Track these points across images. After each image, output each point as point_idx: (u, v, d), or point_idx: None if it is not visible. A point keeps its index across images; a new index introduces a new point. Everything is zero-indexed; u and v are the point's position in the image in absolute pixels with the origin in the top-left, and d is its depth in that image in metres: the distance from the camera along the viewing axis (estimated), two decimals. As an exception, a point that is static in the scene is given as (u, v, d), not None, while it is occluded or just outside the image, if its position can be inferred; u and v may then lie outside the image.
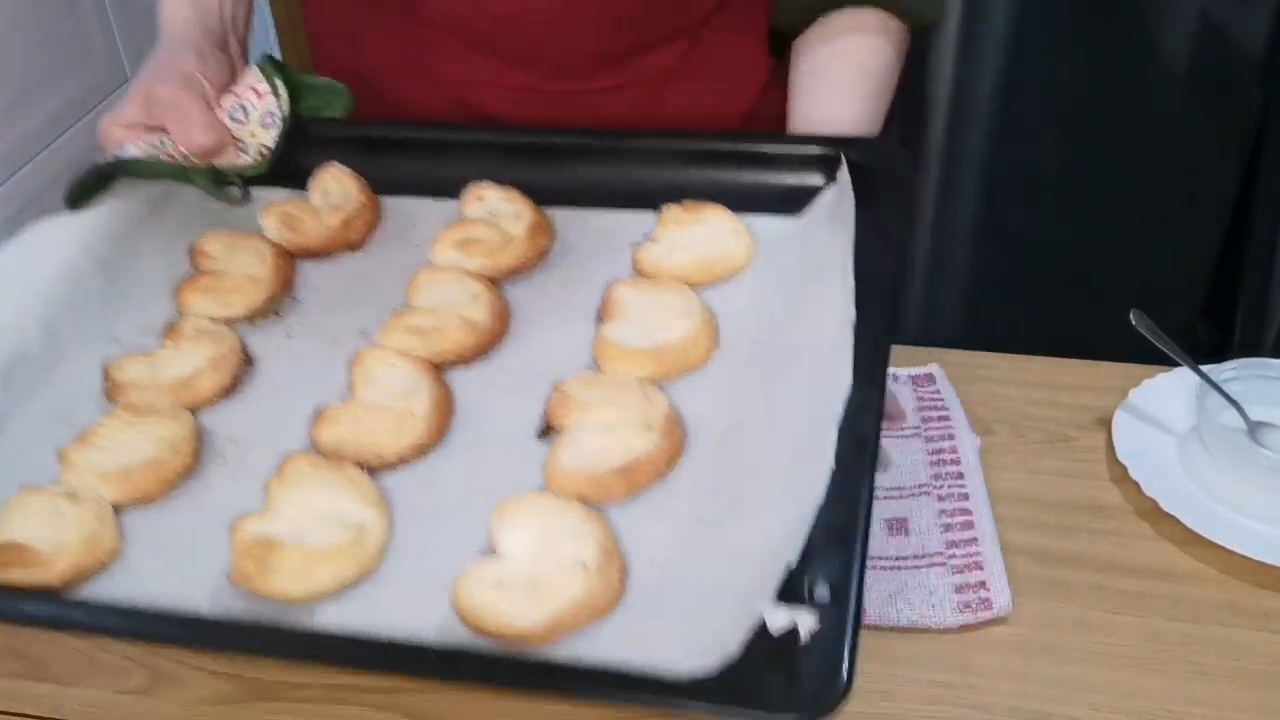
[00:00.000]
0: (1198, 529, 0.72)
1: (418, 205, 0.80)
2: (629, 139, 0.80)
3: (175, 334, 0.71)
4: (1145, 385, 0.83)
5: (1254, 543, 0.71)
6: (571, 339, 0.69)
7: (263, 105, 0.80)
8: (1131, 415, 0.81)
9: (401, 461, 0.63)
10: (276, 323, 0.73)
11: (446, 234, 0.75)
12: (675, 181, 0.77)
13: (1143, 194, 1.80)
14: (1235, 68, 1.68)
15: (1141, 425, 0.80)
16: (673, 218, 0.74)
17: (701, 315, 0.67)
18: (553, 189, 0.78)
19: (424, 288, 0.72)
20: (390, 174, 0.81)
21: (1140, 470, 0.76)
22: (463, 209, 0.77)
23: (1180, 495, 0.75)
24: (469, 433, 0.65)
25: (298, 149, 0.81)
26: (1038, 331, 1.95)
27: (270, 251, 0.76)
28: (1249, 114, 1.71)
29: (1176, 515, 0.73)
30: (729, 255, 0.72)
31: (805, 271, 0.68)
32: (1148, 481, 0.75)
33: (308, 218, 0.78)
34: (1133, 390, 0.82)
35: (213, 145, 0.76)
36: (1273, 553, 0.71)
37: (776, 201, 0.74)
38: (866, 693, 0.65)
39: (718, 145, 0.78)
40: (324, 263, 0.77)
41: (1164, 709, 0.64)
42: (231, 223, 0.79)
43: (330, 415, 0.64)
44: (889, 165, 0.73)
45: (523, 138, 0.82)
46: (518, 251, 0.74)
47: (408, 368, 0.67)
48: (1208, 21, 1.65)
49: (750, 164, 0.76)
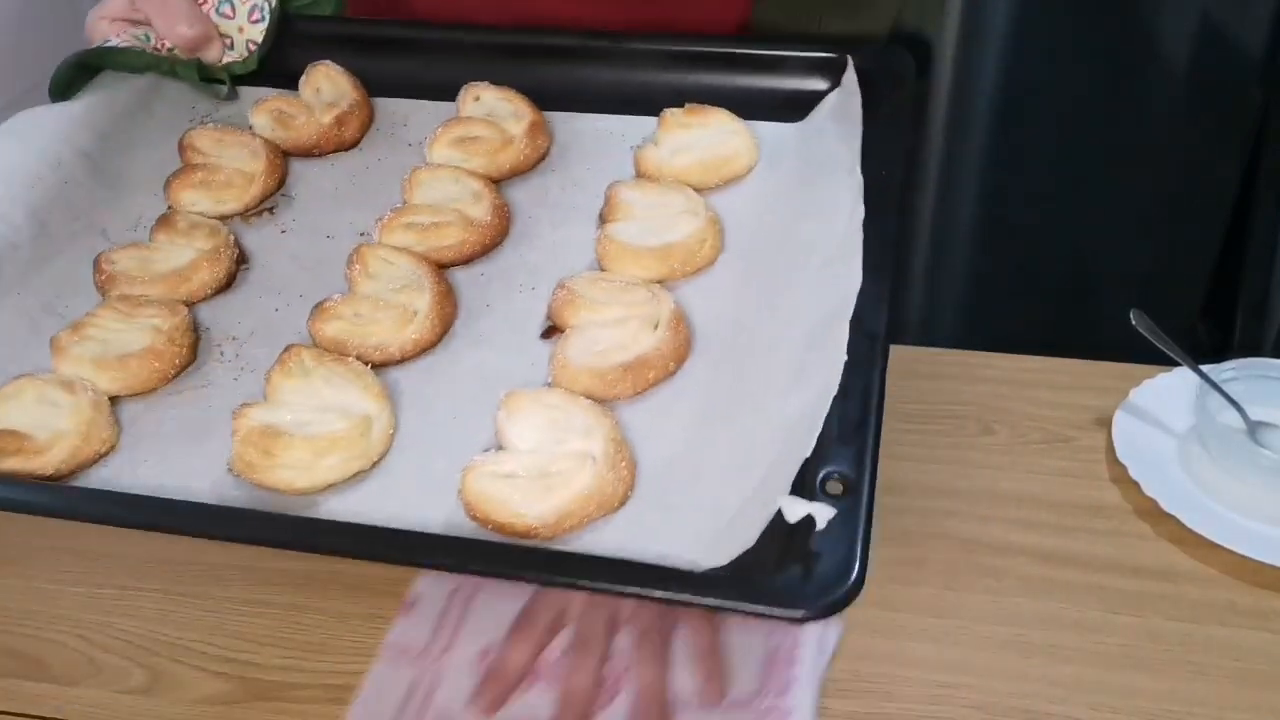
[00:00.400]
0: (1198, 529, 0.72)
1: (413, 106, 0.79)
2: (628, 41, 0.78)
3: (168, 227, 0.70)
4: (1145, 385, 0.83)
5: (1254, 543, 0.71)
6: (575, 239, 0.68)
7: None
8: (1131, 415, 0.80)
9: (404, 357, 0.62)
10: (270, 220, 0.72)
11: (444, 132, 0.74)
12: (675, 86, 0.76)
13: (1143, 193, 1.80)
14: (1235, 68, 1.67)
15: (1141, 425, 0.80)
16: (675, 120, 0.72)
17: (707, 215, 0.66)
18: (549, 92, 0.76)
19: (423, 185, 0.71)
20: (384, 74, 0.79)
21: (1140, 470, 0.76)
22: (460, 108, 0.76)
23: (1180, 495, 0.75)
24: (472, 331, 0.64)
25: (288, 46, 0.80)
26: (1038, 331, 1.94)
27: (263, 147, 0.74)
28: (1249, 114, 1.71)
29: (1176, 515, 0.73)
30: (732, 157, 0.71)
31: (811, 173, 0.67)
32: (1148, 481, 0.75)
33: (300, 114, 0.76)
34: (1133, 390, 0.82)
35: (196, 38, 0.75)
36: (1273, 553, 0.70)
37: (780, 106, 0.74)
38: (866, 693, 0.65)
39: (719, 48, 0.77)
40: (317, 161, 0.76)
41: (1164, 709, 0.64)
42: (220, 119, 0.78)
43: (330, 310, 0.63)
44: (894, 69, 0.72)
45: (519, 38, 0.80)
46: (518, 151, 0.73)
47: (408, 264, 0.65)
48: (1208, 21, 1.65)
49: (753, 68, 0.75)
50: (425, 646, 0.63)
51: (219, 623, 0.70)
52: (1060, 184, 1.84)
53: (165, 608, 0.71)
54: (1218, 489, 0.75)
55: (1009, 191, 1.83)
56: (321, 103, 0.77)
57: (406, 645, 0.63)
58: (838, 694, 0.64)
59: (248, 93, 0.80)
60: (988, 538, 0.74)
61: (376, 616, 0.69)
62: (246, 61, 0.79)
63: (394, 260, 0.66)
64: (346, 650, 0.68)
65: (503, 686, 0.60)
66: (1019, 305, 1.94)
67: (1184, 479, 0.77)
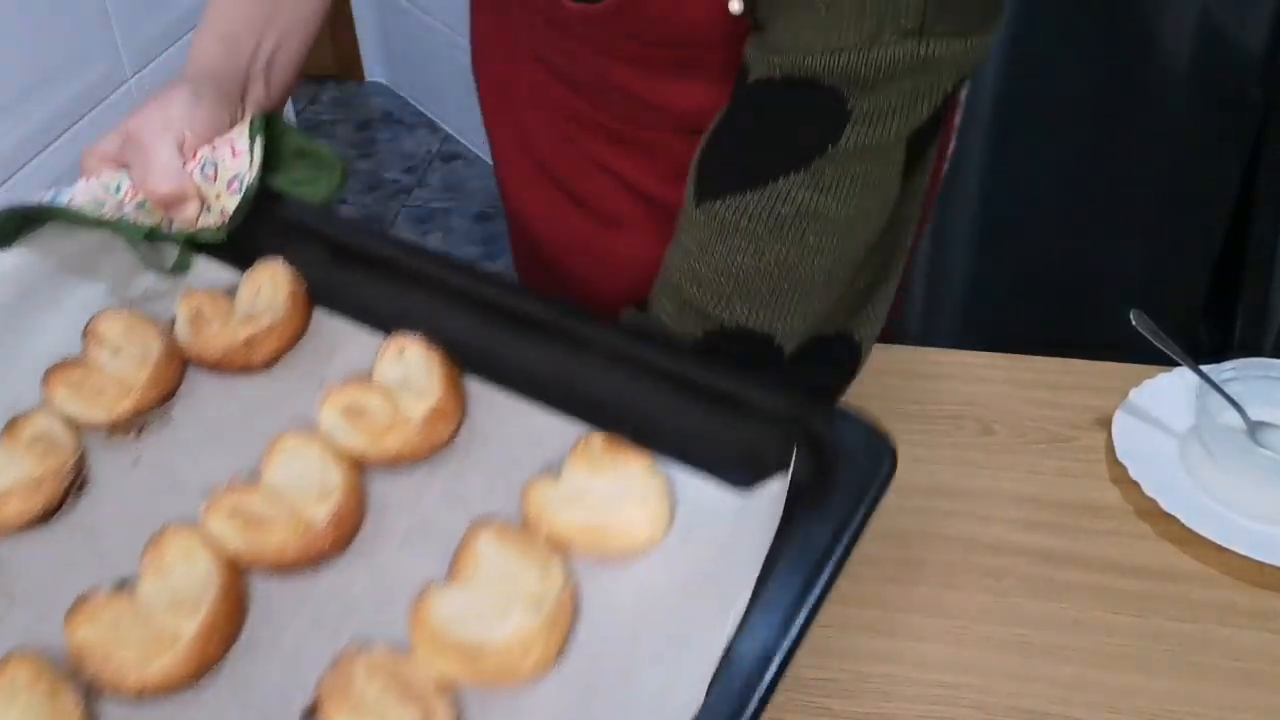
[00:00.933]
0: (1198, 529, 0.72)
1: (352, 334, 0.67)
2: (592, 327, 0.63)
3: (12, 434, 0.61)
4: (1145, 385, 0.83)
5: (1254, 543, 0.71)
6: (418, 575, 0.55)
7: (234, 166, 0.70)
8: (1131, 415, 0.80)
9: (143, 692, 0.51)
10: (133, 443, 0.63)
11: (338, 393, 0.62)
12: (633, 403, 0.60)
13: (1143, 194, 1.80)
14: (1235, 68, 1.67)
15: (1141, 425, 0.80)
16: (586, 453, 0.58)
17: (550, 612, 0.52)
18: (500, 361, 0.64)
19: (282, 459, 0.60)
20: (339, 283, 0.68)
21: (1140, 470, 0.76)
22: (377, 360, 0.64)
23: (1180, 495, 0.75)
24: (235, 676, 0.53)
25: (264, 224, 0.70)
26: (1038, 331, 1.94)
27: (159, 353, 0.65)
28: (1249, 114, 1.71)
29: (1176, 515, 0.73)
30: (626, 530, 0.56)
31: (718, 571, 0.53)
32: (1148, 481, 0.75)
33: (216, 321, 0.66)
34: (1133, 390, 0.82)
35: (167, 195, 0.68)
36: (1273, 553, 0.71)
37: (736, 462, 0.57)
38: (866, 692, 0.65)
39: (692, 371, 0.60)
40: (218, 379, 0.66)
41: (1164, 709, 0.64)
42: (163, 295, 0.69)
43: (90, 609, 0.53)
44: (868, 458, 0.55)
45: (493, 289, 0.66)
46: (407, 438, 0.60)
47: (207, 567, 0.55)
48: (1208, 21, 1.65)
49: (719, 404, 0.58)
50: None
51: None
52: (1060, 184, 1.84)
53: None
54: (1218, 489, 0.75)
55: (1009, 192, 1.83)
56: (248, 311, 0.67)
57: None
58: (838, 694, 0.65)
59: (215, 273, 0.70)
60: (988, 538, 0.74)
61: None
62: (217, 232, 0.70)
63: (195, 559, 0.55)
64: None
65: None
66: (1019, 305, 1.94)
67: (1184, 479, 0.77)
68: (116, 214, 0.69)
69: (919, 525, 0.74)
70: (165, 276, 0.71)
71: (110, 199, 0.69)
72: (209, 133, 0.71)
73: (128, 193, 0.69)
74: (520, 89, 0.89)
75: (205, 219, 0.70)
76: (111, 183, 0.70)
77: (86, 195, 0.69)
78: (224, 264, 0.71)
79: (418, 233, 2.70)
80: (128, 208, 0.69)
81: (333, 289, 0.68)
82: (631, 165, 0.85)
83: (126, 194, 0.69)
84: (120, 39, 1.48)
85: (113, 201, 0.69)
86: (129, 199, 0.69)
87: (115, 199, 0.69)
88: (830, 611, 0.69)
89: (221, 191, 0.70)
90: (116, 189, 0.69)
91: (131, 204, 0.69)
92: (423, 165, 2.94)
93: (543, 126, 0.89)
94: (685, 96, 0.77)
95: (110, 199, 0.69)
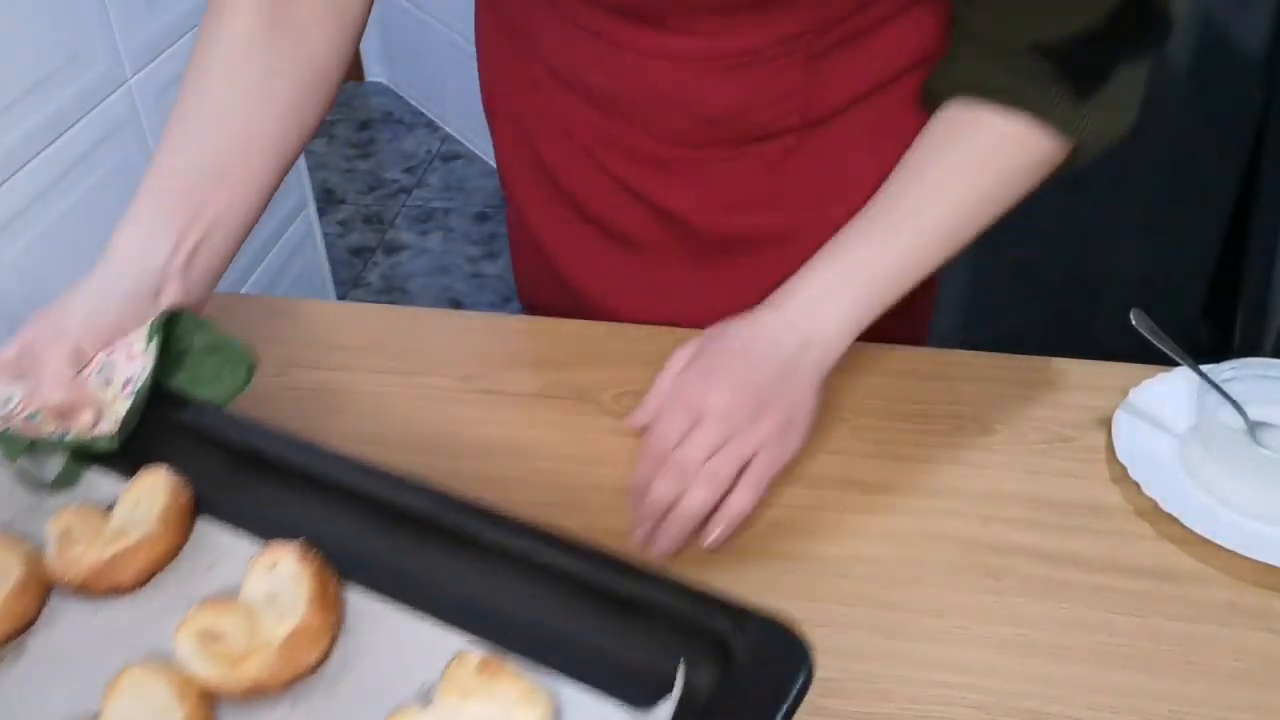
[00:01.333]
0: (1198, 529, 0.72)
1: (232, 544, 0.62)
2: (487, 524, 0.58)
3: None
4: (1145, 385, 0.83)
5: (1254, 543, 0.71)
6: None
7: (130, 369, 0.67)
8: (1131, 415, 0.80)
9: None
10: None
11: (196, 614, 0.56)
12: (521, 603, 0.56)
13: (1143, 194, 1.80)
14: (1235, 68, 1.67)
15: (1141, 425, 0.80)
16: (459, 677, 0.52)
17: None
18: (383, 565, 0.59)
19: (122, 697, 0.54)
20: (229, 489, 0.64)
21: (1140, 470, 0.76)
22: (246, 576, 0.59)
23: (1180, 495, 0.75)
24: None
25: (160, 429, 0.67)
26: (1038, 331, 1.95)
27: (18, 575, 0.60)
28: (1249, 114, 1.71)
29: (1176, 515, 0.73)
30: None
31: None
32: (1148, 481, 0.75)
33: (84, 540, 0.61)
34: (1132, 390, 0.82)
35: (59, 405, 0.65)
36: (1273, 553, 0.71)
37: (632, 677, 0.52)
38: (866, 692, 0.65)
39: (590, 573, 0.55)
40: (83, 602, 0.61)
41: (1164, 709, 0.64)
42: (48, 509, 0.64)
43: None
44: (782, 661, 0.50)
45: (389, 489, 0.61)
46: (265, 666, 0.54)
47: None
48: (1208, 21, 1.65)
49: (617, 611, 0.53)
50: None
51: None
52: (1060, 184, 1.84)
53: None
54: (1218, 489, 0.75)
55: (1009, 191, 1.83)
56: (120, 526, 0.62)
57: None
58: (838, 694, 0.64)
59: (109, 485, 0.66)
60: (988, 538, 0.74)
61: (376, 616, 0.69)
62: (110, 440, 0.66)
63: None
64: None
65: None
66: (1019, 305, 1.94)
67: (1184, 479, 0.77)
68: (2, 427, 0.67)
69: (919, 525, 0.74)
70: (47, 493, 0.67)
71: (11, 409, 0.67)
72: (111, 336, 0.68)
73: (19, 405, 0.67)
74: (539, 118, 0.89)
75: (101, 426, 0.67)
76: (2, 395, 0.67)
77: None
78: (118, 475, 0.66)
79: (417, 232, 2.70)
80: (17, 420, 0.67)
81: (222, 496, 0.64)
82: (663, 188, 0.86)
83: (17, 407, 0.67)
84: (120, 39, 1.48)
85: (2, 415, 0.67)
86: (19, 412, 0.67)
87: (4, 412, 0.67)
88: (830, 611, 0.69)
89: (116, 396, 0.67)
90: (7, 401, 0.67)
91: (22, 416, 0.67)
92: (423, 165, 2.94)
93: (562, 155, 0.89)
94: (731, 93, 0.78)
95: (11, 409, 0.67)
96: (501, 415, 0.84)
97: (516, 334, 0.91)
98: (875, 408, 0.84)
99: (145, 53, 1.54)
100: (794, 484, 0.77)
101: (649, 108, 0.82)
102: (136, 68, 1.53)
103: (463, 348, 0.91)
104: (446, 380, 0.87)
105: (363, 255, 2.67)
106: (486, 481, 0.77)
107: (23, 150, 1.33)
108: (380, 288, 2.58)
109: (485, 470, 0.78)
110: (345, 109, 3.19)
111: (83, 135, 1.43)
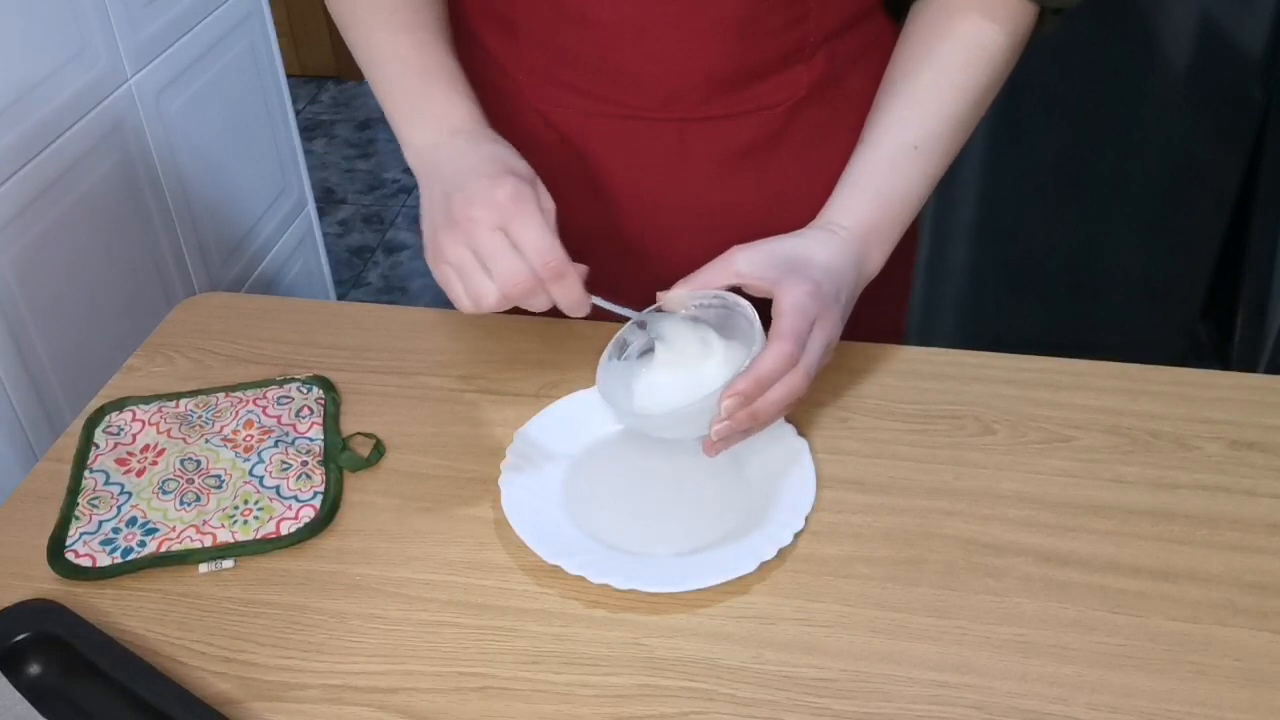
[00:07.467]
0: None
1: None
2: None
3: None
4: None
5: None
6: None
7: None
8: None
9: None
10: None
11: None
12: None
13: (1143, 194, 1.80)
14: (1235, 68, 1.68)
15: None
16: None
17: None
18: None
19: None
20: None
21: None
22: None
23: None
24: None
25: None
26: (1038, 331, 1.95)
27: None
28: (1249, 114, 1.71)
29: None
30: None
31: None
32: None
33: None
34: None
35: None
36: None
37: None
38: (866, 692, 0.65)
39: None
40: None
41: (1164, 709, 0.64)
42: None
43: None
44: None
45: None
46: None
47: None
48: (1208, 21, 1.65)
49: None
50: None
51: (219, 623, 0.70)
52: (1060, 183, 1.84)
53: (165, 608, 0.71)
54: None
55: (1009, 191, 1.83)
56: None
57: None
58: (838, 694, 0.64)
59: None
60: (988, 538, 0.74)
61: (376, 617, 0.69)
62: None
63: None
64: (346, 650, 0.68)
65: None
66: (1019, 305, 1.94)
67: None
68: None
69: (919, 525, 0.74)
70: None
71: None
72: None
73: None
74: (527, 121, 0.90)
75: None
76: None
77: None
78: None
79: (417, 232, 2.70)
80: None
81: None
82: (681, 161, 0.87)
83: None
84: (120, 39, 1.48)
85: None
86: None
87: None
88: (830, 611, 0.69)
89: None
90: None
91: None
92: (423, 165, 2.93)
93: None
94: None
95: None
96: (502, 415, 0.84)
97: (516, 334, 0.91)
98: (875, 408, 0.84)
99: (145, 53, 1.54)
100: (794, 484, 0.77)
101: (656, 39, 0.82)
102: (136, 68, 1.53)
103: (463, 348, 0.91)
104: (446, 380, 0.87)
105: (363, 255, 2.67)
106: (486, 481, 0.78)
107: (23, 150, 1.33)
108: (380, 288, 2.58)
109: (485, 470, 0.78)
110: (345, 109, 3.19)
111: (83, 135, 1.43)
